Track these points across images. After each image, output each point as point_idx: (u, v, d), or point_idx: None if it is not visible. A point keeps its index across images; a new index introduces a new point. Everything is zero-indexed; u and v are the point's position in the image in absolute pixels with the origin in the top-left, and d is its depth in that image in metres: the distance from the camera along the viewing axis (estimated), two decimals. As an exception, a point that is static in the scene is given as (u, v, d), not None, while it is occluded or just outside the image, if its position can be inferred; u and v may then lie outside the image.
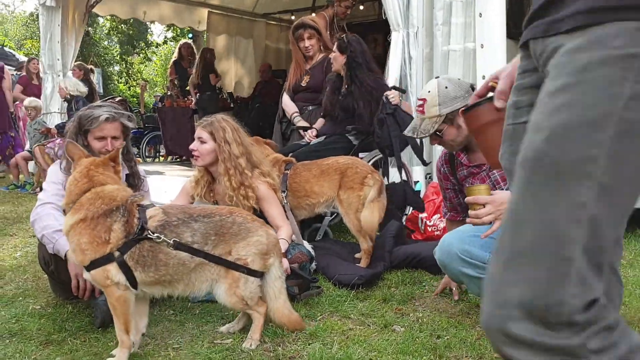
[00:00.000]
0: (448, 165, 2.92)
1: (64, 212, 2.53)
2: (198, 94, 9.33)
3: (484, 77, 4.83)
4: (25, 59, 13.08)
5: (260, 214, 3.35)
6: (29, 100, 8.35)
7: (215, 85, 9.53)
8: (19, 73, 11.30)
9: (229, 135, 3.37)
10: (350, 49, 4.55)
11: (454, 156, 2.87)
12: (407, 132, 2.73)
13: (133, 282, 2.46)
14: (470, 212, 2.33)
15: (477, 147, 2.71)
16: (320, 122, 4.89)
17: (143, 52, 26.14)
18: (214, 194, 3.53)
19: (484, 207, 2.25)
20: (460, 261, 2.55)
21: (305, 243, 3.58)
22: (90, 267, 2.41)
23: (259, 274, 2.63)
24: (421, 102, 2.67)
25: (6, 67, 9.36)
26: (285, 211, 3.71)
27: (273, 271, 2.68)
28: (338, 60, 4.61)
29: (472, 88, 2.69)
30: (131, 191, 2.63)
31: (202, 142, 3.41)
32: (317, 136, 4.77)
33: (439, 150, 5.20)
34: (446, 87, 2.64)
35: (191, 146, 3.44)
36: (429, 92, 2.67)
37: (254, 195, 3.37)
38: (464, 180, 2.84)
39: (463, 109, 1.77)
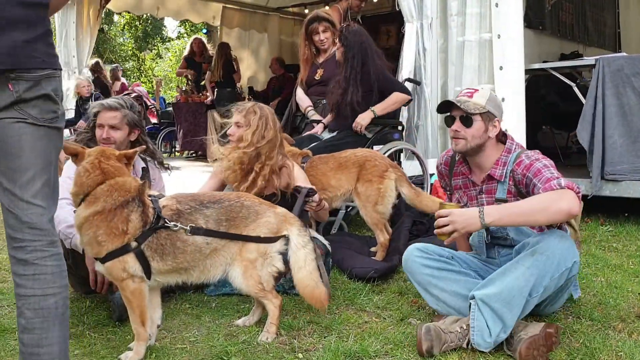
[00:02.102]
0: (446, 167, 2.98)
1: (74, 201, 2.52)
2: (217, 89, 9.33)
3: (501, 68, 4.78)
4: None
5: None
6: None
7: (235, 82, 9.56)
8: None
9: (254, 120, 3.32)
10: (346, 42, 4.50)
11: (455, 161, 2.91)
12: (451, 97, 2.80)
13: (147, 272, 2.48)
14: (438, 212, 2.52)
15: (479, 167, 2.77)
16: (329, 116, 4.87)
17: (156, 48, 26.23)
18: None
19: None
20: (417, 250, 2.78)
21: (321, 238, 3.57)
22: (105, 258, 2.42)
23: (274, 240, 2.64)
24: (472, 91, 2.77)
25: None
26: None
27: (293, 240, 2.67)
28: (339, 51, 4.60)
29: None
30: (139, 182, 2.63)
31: (239, 126, 3.36)
32: (329, 131, 4.74)
33: (450, 144, 5.17)
34: (496, 96, 2.79)
35: (229, 131, 3.40)
36: (482, 88, 2.80)
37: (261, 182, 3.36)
38: (457, 190, 2.90)
39: None
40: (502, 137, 2.77)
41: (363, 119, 4.48)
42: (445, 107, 2.78)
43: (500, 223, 2.44)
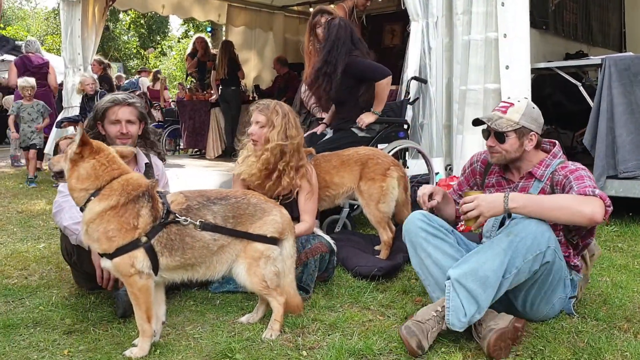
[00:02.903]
0: (483, 165, 3.00)
1: (80, 196, 2.47)
2: (221, 88, 9.34)
3: (507, 67, 4.77)
4: (46, 54, 13.25)
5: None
6: (23, 80, 7.90)
7: (240, 80, 9.58)
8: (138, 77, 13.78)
9: (277, 120, 3.34)
10: (326, 35, 4.53)
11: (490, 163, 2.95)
12: (482, 117, 2.85)
13: (154, 268, 2.48)
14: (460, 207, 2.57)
15: (517, 169, 2.83)
16: (331, 111, 4.87)
17: (160, 46, 26.29)
18: None
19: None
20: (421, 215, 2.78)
21: (326, 236, 3.57)
22: (115, 254, 2.42)
23: (277, 242, 2.67)
24: (507, 105, 2.80)
25: (52, 63, 9.31)
26: None
27: (287, 248, 2.71)
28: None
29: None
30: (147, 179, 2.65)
31: (261, 126, 3.35)
32: (330, 128, 4.75)
33: (458, 143, 5.16)
34: (533, 108, 2.80)
35: (249, 130, 3.38)
36: (519, 101, 2.82)
37: (287, 186, 3.38)
38: (488, 188, 2.93)
39: None
40: (545, 145, 2.82)
41: (367, 117, 4.50)
42: (481, 121, 2.82)
43: (522, 211, 2.46)
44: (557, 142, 2.84)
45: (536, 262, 2.46)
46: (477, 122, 2.85)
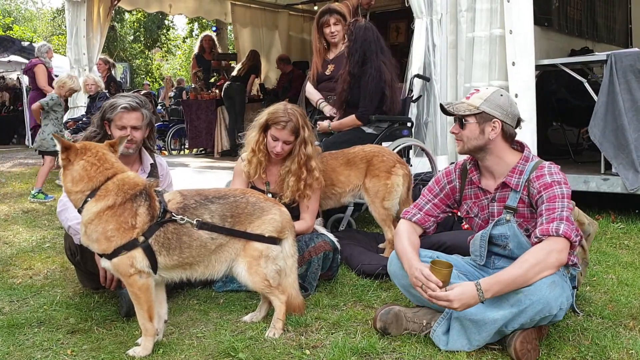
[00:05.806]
0: (460, 181, 2.82)
1: (77, 198, 2.46)
2: (228, 83, 9.35)
3: (514, 64, 4.75)
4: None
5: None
6: None
7: (249, 81, 9.70)
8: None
9: (307, 135, 3.33)
10: (351, 37, 4.52)
11: (467, 172, 2.78)
12: (444, 101, 2.75)
13: (153, 267, 2.48)
14: (435, 292, 2.36)
15: (490, 173, 2.67)
16: (338, 115, 4.86)
17: (165, 46, 26.29)
18: (267, 174, 3.46)
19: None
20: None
21: (330, 235, 3.56)
22: (113, 254, 2.42)
23: (278, 242, 2.67)
24: (473, 91, 2.69)
25: (41, 64, 9.14)
26: None
27: (287, 247, 2.71)
28: (346, 45, 4.66)
29: (519, 121, 2.67)
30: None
31: (289, 144, 3.31)
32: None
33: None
34: (501, 95, 2.64)
35: (277, 150, 3.29)
36: (487, 88, 2.69)
37: (309, 194, 3.37)
38: (466, 201, 2.78)
39: None
40: (517, 145, 2.65)
41: (322, 128, 4.66)
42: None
43: (499, 294, 2.33)
44: (524, 143, 2.68)
45: (543, 320, 2.38)
46: (445, 111, 2.71)
